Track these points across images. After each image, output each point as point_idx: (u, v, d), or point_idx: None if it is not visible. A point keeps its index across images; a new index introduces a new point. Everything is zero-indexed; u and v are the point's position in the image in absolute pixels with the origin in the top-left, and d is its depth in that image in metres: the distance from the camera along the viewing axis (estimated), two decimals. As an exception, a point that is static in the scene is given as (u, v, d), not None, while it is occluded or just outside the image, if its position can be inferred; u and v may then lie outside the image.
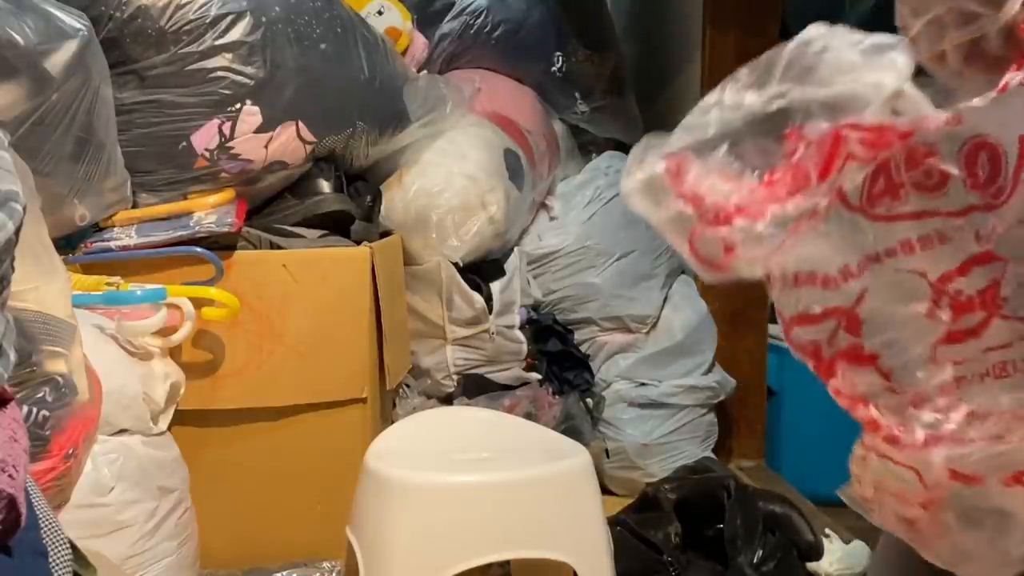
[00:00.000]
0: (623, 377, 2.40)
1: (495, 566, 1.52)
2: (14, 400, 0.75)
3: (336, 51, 1.87)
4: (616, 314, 2.41)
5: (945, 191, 0.74)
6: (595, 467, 1.40)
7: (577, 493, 1.36)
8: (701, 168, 0.83)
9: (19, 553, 0.69)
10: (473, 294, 2.13)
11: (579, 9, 2.63)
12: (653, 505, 1.78)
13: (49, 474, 1.14)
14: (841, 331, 0.79)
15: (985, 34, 0.79)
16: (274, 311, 1.72)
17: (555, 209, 2.49)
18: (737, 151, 0.83)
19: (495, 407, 2.09)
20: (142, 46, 1.71)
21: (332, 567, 1.68)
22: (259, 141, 1.77)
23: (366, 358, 1.78)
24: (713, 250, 0.81)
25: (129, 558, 1.36)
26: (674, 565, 1.65)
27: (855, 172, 0.77)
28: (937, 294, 0.75)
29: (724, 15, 2.46)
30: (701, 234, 0.81)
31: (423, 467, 1.35)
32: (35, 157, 1.48)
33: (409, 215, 2.09)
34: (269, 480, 1.75)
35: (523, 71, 2.55)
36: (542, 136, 2.46)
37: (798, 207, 0.77)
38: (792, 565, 1.68)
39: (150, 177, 1.76)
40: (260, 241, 1.78)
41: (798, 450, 2.46)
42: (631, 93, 2.72)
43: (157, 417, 1.49)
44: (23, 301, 1.11)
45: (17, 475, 0.68)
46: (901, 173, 0.76)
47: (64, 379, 1.16)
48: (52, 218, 1.42)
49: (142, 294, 1.54)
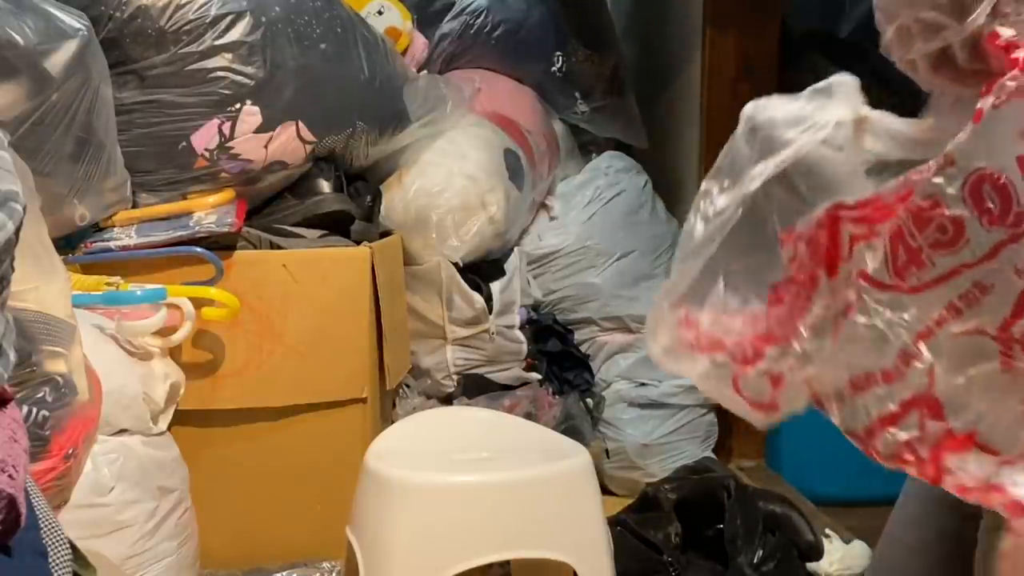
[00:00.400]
0: (623, 377, 2.40)
1: (495, 566, 1.52)
2: (14, 400, 0.75)
3: (336, 51, 1.87)
4: (616, 314, 2.41)
5: (965, 239, 0.70)
6: (595, 467, 1.40)
7: (577, 493, 1.36)
8: (709, 312, 0.80)
9: (19, 553, 0.69)
10: (473, 294, 2.13)
11: (579, 9, 2.62)
12: (653, 505, 1.78)
13: (49, 474, 1.14)
14: (927, 421, 0.73)
15: (950, 44, 0.78)
16: (274, 311, 1.72)
17: (555, 209, 2.49)
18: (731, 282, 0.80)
19: (495, 407, 2.09)
20: (142, 46, 1.71)
21: (332, 567, 1.68)
22: (259, 141, 1.77)
23: (366, 358, 1.78)
24: (761, 387, 0.76)
25: (129, 558, 1.36)
26: (674, 565, 1.65)
27: (868, 251, 0.73)
28: (1005, 345, 0.70)
29: (724, 15, 2.46)
30: (743, 375, 0.77)
31: (423, 467, 1.35)
32: (35, 157, 1.48)
33: (409, 215, 2.09)
34: (269, 480, 1.75)
35: (523, 71, 2.55)
36: (542, 136, 2.46)
37: (826, 307, 0.73)
38: (792, 565, 1.68)
39: (150, 177, 1.76)
40: (260, 241, 1.78)
41: (798, 450, 2.46)
42: (631, 93, 2.72)
43: (157, 417, 1.49)
44: (23, 301, 1.11)
45: (17, 475, 0.68)
46: (916, 237, 0.71)
47: (64, 379, 1.16)
48: (52, 218, 1.42)
49: (142, 294, 1.54)
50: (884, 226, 0.73)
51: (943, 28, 0.77)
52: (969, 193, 0.69)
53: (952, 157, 0.70)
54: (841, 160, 0.82)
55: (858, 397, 0.75)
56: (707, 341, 0.80)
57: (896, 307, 0.73)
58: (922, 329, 0.72)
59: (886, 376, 0.73)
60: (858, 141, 0.84)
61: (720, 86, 2.48)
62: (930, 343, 0.72)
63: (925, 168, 0.72)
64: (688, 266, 0.84)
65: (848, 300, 0.73)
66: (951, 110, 0.84)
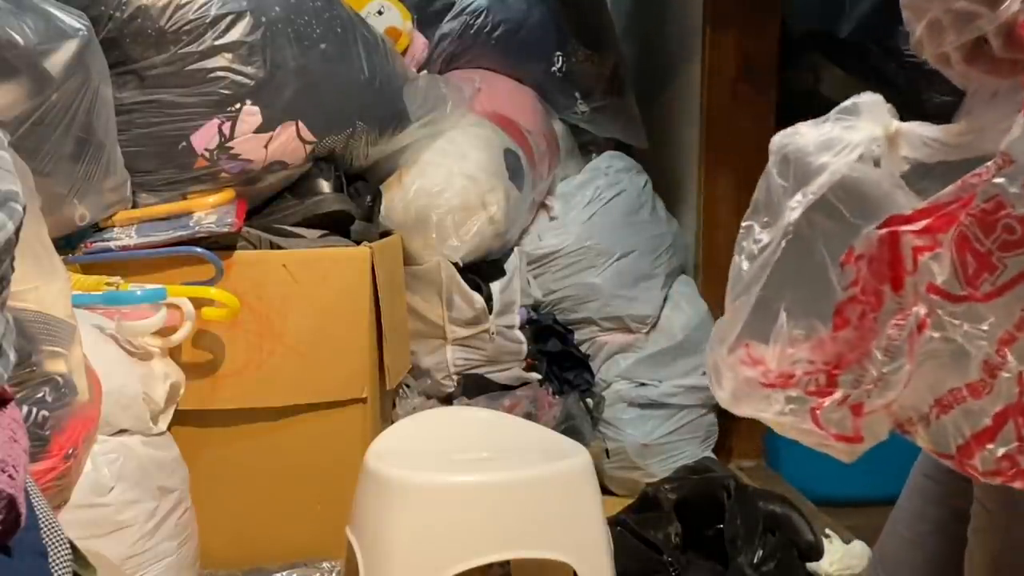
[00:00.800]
0: (623, 377, 2.40)
1: (495, 566, 1.52)
2: (14, 400, 0.75)
3: (336, 51, 1.87)
4: (616, 314, 2.41)
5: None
6: (595, 467, 1.40)
7: (577, 493, 1.36)
8: (775, 346, 0.77)
9: (19, 553, 0.69)
10: (473, 294, 2.13)
11: (579, 9, 2.62)
12: (653, 505, 1.78)
13: (49, 474, 1.14)
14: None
15: (984, 34, 0.77)
16: (274, 311, 1.72)
17: (555, 209, 2.49)
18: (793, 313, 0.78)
19: (495, 407, 2.09)
20: (142, 46, 1.71)
21: (332, 567, 1.68)
22: (259, 141, 1.77)
23: (366, 358, 1.78)
24: (842, 418, 0.74)
25: (129, 558, 1.36)
26: (674, 565, 1.65)
27: (934, 263, 0.71)
28: None
29: (724, 15, 2.46)
30: (821, 408, 0.75)
31: (423, 467, 1.35)
32: (35, 157, 1.48)
33: (409, 215, 2.09)
34: (269, 480, 1.75)
35: (523, 71, 2.55)
36: (542, 136, 2.46)
37: (898, 327, 0.70)
38: (792, 565, 1.68)
39: (150, 177, 1.76)
40: (260, 241, 1.78)
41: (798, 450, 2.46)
42: (631, 93, 2.72)
43: (157, 417, 1.49)
44: (23, 301, 1.11)
45: (17, 475, 0.68)
46: (984, 242, 0.70)
47: (64, 379, 1.16)
48: (52, 218, 1.42)
49: (142, 294, 1.54)
50: (946, 235, 0.71)
51: (977, 17, 0.76)
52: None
53: (1010, 155, 0.69)
54: (880, 176, 0.81)
55: (946, 416, 0.73)
56: (777, 377, 0.78)
57: (973, 318, 0.70)
58: (1003, 335, 0.70)
59: (972, 391, 0.71)
60: (894, 154, 0.83)
61: (720, 86, 2.48)
62: (1014, 349, 0.69)
63: (983, 171, 0.71)
64: (740, 304, 0.82)
65: (920, 316, 0.72)
66: (989, 105, 0.82)
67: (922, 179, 0.83)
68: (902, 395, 0.73)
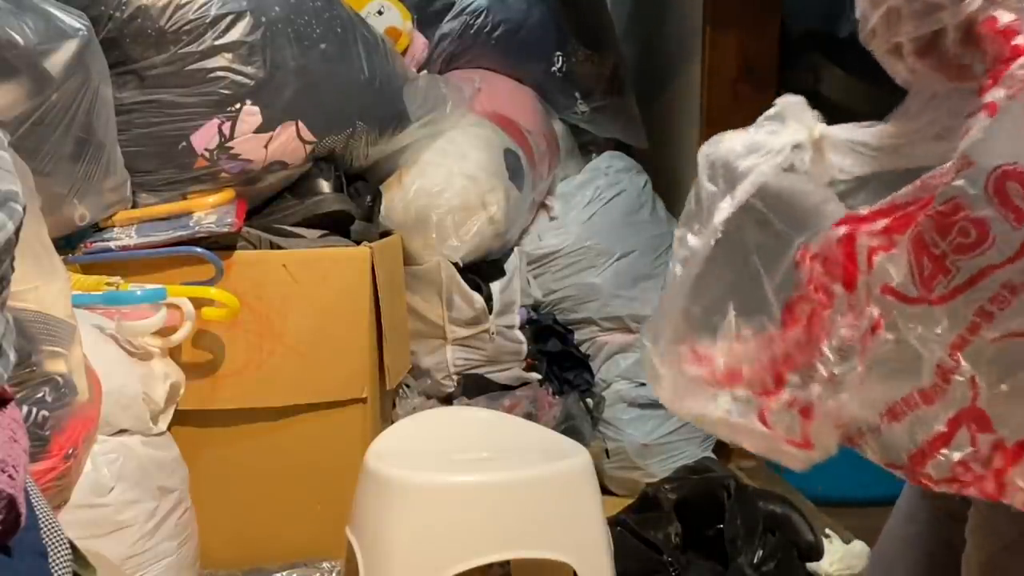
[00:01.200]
0: (623, 377, 2.40)
1: (495, 566, 1.52)
2: (14, 400, 0.75)
3: (336, 51, 1.87)
4: (616, 314, 2.41)
5: (991, 241, 0.67)
6: (595, 467, 1.40)
7: (577, 493, 1.36)
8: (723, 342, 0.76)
9: (19, 553, 0.69)
10: (473, 294, 2.13)
11: (579, 9, 2.62)
12: (653, 505, 1.78)
13: (49, 474, 1.14)
14: (978, 436, 0.69)
15: (943, 28, 0.77)
16: (274, 311, 1.72)
17: (555, 209, 2.49)
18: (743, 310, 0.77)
19: (495, 407, 2.09)
20: (142, 46, 1.71)
21: (332, 567, 1.68)
22: (259, 141, 1.77)
23: (366, 358, 1.78)
24: (791, 420, 0.72)
25: (129, 558, 1.36)
26: (674, 565, 1.65)
27: (890, 264, 0.70)
28: None
29: (724, 15, 2.46)
30: (768, 408, 0.74)
31: (423, 467, 1.35)
32: (35, 157, 1.48)
33: (409, 215, 2.09)
34: (269, 480, 1.75)
35: (523, 71, 2.55)
36: (542, 136, 2.46)
37: (851, 327, 0.69)
38: (792, 565, 1.68)
39: (150, 177, 1.76)
40: (260, 241, 1.78)
41: (798, 450, 2.46)
42: (631, 93, 2.72)
43: (157, 417, 1.49)
44: (23, 301, 1.11)
45: (17, 475, 0.68)
46: (939, 244, 0.68)
47: (64, 379, 1.16)
48: (52, 218, 1.42)
49: (142, 294, 1.54)
50: (903, 236, 0.70)
51: (939, 9, 0.76)
52: (994, 192, 0.66)
53: (969, 157, 0.68)
54: (807, 185, 0.81)
55: (898, 424, 0.72)
56: (724, 374, 0.77)
57: (927, 321, 0.69)
58: (955, 340, 0.69)
59: (925, 397, 0.70)
60: (820, 160, 0.83)
61: (720, 86, 2.48)
62: (967, 353, 0.68)
63: (942, 172, 0.70)
64: (670, 307, 0.82)
65: (873, 317, 0.71)
66: (927, 106, 0.82)
67: (859, 191, 0.82)
68: (851, 405, 0.72)
